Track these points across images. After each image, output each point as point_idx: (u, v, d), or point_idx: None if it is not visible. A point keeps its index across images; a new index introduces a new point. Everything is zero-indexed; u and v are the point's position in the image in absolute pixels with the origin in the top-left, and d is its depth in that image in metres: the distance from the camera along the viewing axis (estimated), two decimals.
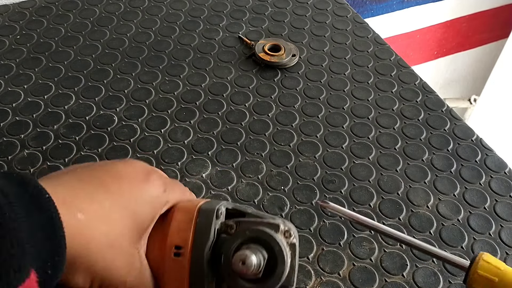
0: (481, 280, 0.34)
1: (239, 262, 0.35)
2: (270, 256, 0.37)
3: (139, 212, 0.36)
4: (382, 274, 0.48)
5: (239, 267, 0.35)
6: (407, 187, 0.56)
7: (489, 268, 0.34)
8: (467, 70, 1.72)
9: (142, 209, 0.36)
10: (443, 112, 0.65)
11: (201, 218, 0.38)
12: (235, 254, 0.35)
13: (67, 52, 0.71)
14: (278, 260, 0.37)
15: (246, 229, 0.37)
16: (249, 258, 0.35)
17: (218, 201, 0.41)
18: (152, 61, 0.71)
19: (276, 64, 0.70)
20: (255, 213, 0.40)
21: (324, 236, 0.51)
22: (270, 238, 0.37)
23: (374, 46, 0.75)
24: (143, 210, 0.36)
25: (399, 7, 1.37)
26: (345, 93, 0.67)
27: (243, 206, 0.41)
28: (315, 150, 0.59)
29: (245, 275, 0.35)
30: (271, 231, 0.37)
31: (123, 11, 0.79)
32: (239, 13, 0.80)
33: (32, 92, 0.65)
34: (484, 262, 0.35)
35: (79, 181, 0.34)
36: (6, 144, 0.58)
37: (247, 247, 0.36)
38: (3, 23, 0.76)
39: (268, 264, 0.37)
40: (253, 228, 0.37)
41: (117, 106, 0.63)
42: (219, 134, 0.61)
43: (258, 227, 0.37)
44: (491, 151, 0.60)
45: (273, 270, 0.37)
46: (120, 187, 0.35)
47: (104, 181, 0.35)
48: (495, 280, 0.34)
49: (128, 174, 0.37)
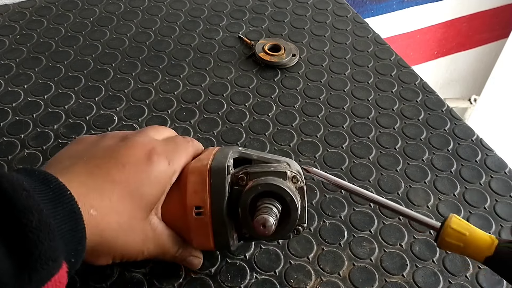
0: (453, 234, 0.38)
1: (260, 226, 0.39)
2: (283, 205, 0.41)
3: (146, 193, 0.39)
4: (382, 274, 0.48)
5: (260, 230, 0.39)
6: (407, 187, 0.56)
7: (460, 224, 0.38)
8: (467, 70, 1.72)
9: (149, 188, 0.40)
10: (443, 112, 0.65)
11: (214, 178, 0.42)
12: (255, 219, 0.39)
13: (67, 52, 0.71)
14: (291, 208, 0.42)
15: (257, 183, 0.41)
16: (268, 221, 0.39)
17: (226, 152, 0.44)
18: (152, 61, 0.71)
19: (276, 64, 0.70)
20: (261, 159, 0.44)
21: (324, 236, 0.51)
22: (281, 189, 0.41)
23: (374, 46, 0.75)
24: (150, 189, 0.40)
25: (399, 7, 1.37)
26: (345, 93, 0.67)
27: (248, 152, 0.45)
28: (315, 150, 0.59)
29: (266, 235, 0.39)
30: (280, 182, 0.41)
31: (123, 11, 0.79)
32: (239, 13, 0.80)
33: (32, 92, 0.65)
34: (456, 219, 0.38)
35: (89, 175, 0.37)
36: (6, 144, 0.58)
37: (262, 204, 0.40)
38: (3, 23, 0.76)
39: (283, 211, 0.41)
40: (264, 183, 0.41)
41: (117, 106, 0.63)
42: (219, 134, 0.61)
43: (267, 180, 0.41)
44: (491, 151, 0.60)
45: (287, 215, 0.41)
46: (125, 175, 0.38)
47: (109, 172, 0.38)
48: (466, 234, 0.37)
49: (131, 159, 0.39)
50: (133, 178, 0.38)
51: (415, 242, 0.51)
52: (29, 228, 0.29)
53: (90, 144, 0.42)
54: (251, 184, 0.41)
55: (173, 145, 0.43)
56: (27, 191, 0.31)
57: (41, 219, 0.30)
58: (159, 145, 0.42)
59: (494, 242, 0.37)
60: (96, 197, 0.36)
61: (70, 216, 0.33)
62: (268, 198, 0.41)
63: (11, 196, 0.30)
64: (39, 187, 0.32)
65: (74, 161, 0.39)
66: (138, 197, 0.39)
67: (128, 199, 0.38)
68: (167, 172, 0.41)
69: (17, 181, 0.31)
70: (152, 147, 0.41)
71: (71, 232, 0.33)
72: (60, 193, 0.33)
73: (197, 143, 0.47)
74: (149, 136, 0.43)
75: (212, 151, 0.45)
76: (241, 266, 0.47)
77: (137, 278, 0.46)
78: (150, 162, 0.40)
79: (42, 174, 0.34)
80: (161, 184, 0.40)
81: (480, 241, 0.37)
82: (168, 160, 0.41)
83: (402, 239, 0.51)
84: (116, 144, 0.41)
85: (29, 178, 0.33)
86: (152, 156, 0.40)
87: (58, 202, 0.33)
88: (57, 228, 0.31)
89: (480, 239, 0.37)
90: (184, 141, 0.45)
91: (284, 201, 0.41)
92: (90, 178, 0.37)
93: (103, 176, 0.37)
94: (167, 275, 0.46)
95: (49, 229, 0.30)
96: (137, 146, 0.40)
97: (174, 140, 0.45)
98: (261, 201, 0.41)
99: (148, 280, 0.46)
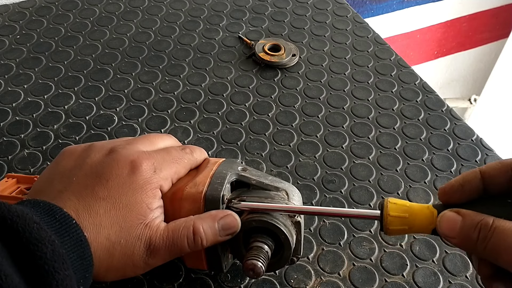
0: (395, 220, 0.37)
1: (249, 271, 0.39)
2: (277, 242, 0.41)
3: (133, 202, 0.39)
4: (382, 274, 0.48)
5: (249, 274, 0.39)
6: (407, 187, 0.56)
7: (398, 208, 0.37)
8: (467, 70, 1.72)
9: (134, 197, 0.40)
10: (443, 112, 0.65)
11: (208, 207, 0.41)
12: (244, 262, 0.39)
13: (67, 52, 0.71)
14: (284, 246, 0.41)
15: (251, 217, 0.40)
16: (256, 267, 0.39)
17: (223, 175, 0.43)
18: (152, 61, 0.71)
19: (276, 64, 0.70)
20: (259, 184, 0.43)
21: (324, 236, 0.51)
22: (275, 228, 0.40)
23: (374, 46, 0.75)
24: (135, 198, 0.40)
25: (399, 7, 1.37)
26: (345, 93, 0.67)
27: (247, 175, 0.44)
28: (315, 150, 0.59)
29: (255, 278, 0.40)
30: (275, 218, 0.41)
31: (123, 11, 0.79)
32: (239, 13, 0.80)
33: (32, 92, 0.65)
34: (392, 204, 0.38)
35: (79, 197, 0.39)
36: (6, 144, 0.58)
37: (254, 242, 0.40)
38: (3, 23, 0.76)
39: (277, 245, 0.41)
40: (258, 219, 0.40)
41: (117, 106, 0.63)
42: (219, 134, 0.61)
43: (262, 216, 0.40)
44: (491, 151, 0.60)
45: (282, 250, 0.41)
46: (108, 190, 0.39)
47: (94, 189, 0.39)
48: (406, 216, 0.37)
49: (113, 174, 0.40)
50: (115, 191, 0.39)
51: (415, 242, 0.51)
52: (44, 260, 0.31)
53: (78, 158, 0.42)
54: (246, 216, 0.41)
55: (164, 155, 0.43)
56: (37, 223, 0.32)
57: (55, 249, 0.32)
58: (144, 155, 0.42)
59: (434, 214, 0.37)
60: (85, 216, 0.37)
61: (78, 244, 0.35)
62: (261, 235, 0.40)
63: (24, 230, 0.31)
64: (45, 218, 0.34)
65: (65, 183, 0.40)
66: (123, 207, 0.39)
67: (114, 211, 0.38)
68: (152, 178, 0.41)
69: (27, 214, 0.32)
70: (135, 158, 0.41)
71: (79, 260, 0.35)
72: (65, 223, 0.35)
73: (198, 154, 0.46)
74: (136, 147, 0.43)
75: (210, 171, 0.43)
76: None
77: (137, 278, 0.46)
78: (132, 172, 0.40)
79: (47, 205, 0.35)
80: (147, 191, 0.40)
81: (422, 216, 0.37)
82: (154, 168, 0.41)
83: (402, 239, 0.51)
84: (101, 160, 0.41)
85: (35, 210, 0.34)
86: (134, 166, 0.40)
87: (64, 232, 0.34)
88: (67, 257, 0.33)
89: (421, 215, 0.37)
90: (180, 152, 0.44)
91: (278, 239, 0.40)
92: (79, 199, 0.38)
93: (89, 195, 0.39)
94: (167, 275, 0.46)
95: (63, 259, 0.32)
96: (120, 159, 0.41)
97: (168, 150, 0.44)
98: (254, 238, 0.40)
99: (148, 280, 0.46)
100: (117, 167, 0.40)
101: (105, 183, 0.39)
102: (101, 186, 0.39)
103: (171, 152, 0.44)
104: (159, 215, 0.41)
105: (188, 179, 0.43)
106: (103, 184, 0.39)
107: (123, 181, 0.40)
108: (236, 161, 0.46)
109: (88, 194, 0.39)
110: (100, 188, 0.39)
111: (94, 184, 0.39)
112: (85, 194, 0.39)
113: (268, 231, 0.40)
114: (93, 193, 0.39)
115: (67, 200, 0.38)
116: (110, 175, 0.40)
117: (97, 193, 0.39)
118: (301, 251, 0.43)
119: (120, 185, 0.39)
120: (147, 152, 0.42)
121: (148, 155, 0.42)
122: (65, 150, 0.44)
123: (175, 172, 0.43)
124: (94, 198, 0.38)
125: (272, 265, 0.42)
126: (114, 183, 0.39)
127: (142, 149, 0.43)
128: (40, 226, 0.32)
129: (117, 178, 0.40)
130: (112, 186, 0.39)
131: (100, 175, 0.40)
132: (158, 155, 0.43)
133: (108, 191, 0.39)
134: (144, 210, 0.40)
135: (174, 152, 0.44)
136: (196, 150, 0.46)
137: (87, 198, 0.38)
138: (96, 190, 0.39)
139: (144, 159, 0.41)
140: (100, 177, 0.40)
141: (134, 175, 0.40)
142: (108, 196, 0.39)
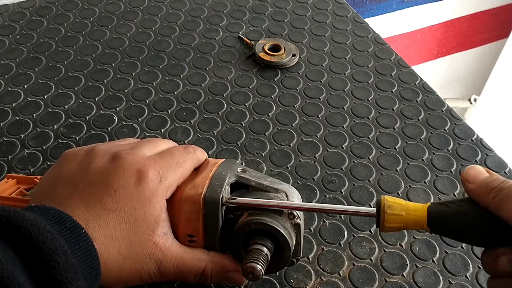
0: (391, 218, 0.38)
1: (248, 274, 0.39)
2: (277, 242, 0.41)
3: (141, 215, 0.39)
4: (382, 274, 0.48)
5: (249, 277, 0.39)
6: (407, 187, 0.56)
7: (394, 207, 0.38)
8: (467, 70, 1.72)
9: (143, 211, 0.40)
10: (443, 112, 0.65)
11: (208, 209, 0.41)
12: (243, 265, 0.39)
13: (67, 52, 0.71)
14: (284, 248, 0.41)
15: (251, 219, 0.40)
16: (255, 270, 0.39)
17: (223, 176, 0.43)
18: (152, 61, 0.71)
19: (276, 64, 0.70)
20: (259, 186, 0.43)
21: (324, 236, 0.51)
22: (274, 230, 0.40)
23: (374, 46, 0.75)
24: (144, 211, 0.40)
25: (399, 7, 1.37)
26: (345, 93, 0.67)
27: (247, 176, 0.44)
28: (315, 150, 0.59)
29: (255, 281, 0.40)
30: (275, 220, 0.40)
31: (123, 11, 0.79)
32: (239, 13, 0.80)
33: (32, 92, 0.65)
34: (389, 202, 0.39)
35: (86, 206, 0.38)
36: (6, 144, 0.58)
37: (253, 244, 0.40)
38: (3, 23, 0.76)
39: (276, 247, 0.41)
40: (258, 221, 0.40)
41: (117, 106, 0.63)
42: (219, 134, 0.61)
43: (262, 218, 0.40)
44: (491, 151, 0.60)
45: (281, 252, 0.41)
46: (116, 202, 0.39)
47: (102, 199, 0.39)
48: (402, 214, 0.38)
49: (121, 184, 0.40)
50: (124, 203, 0.39)
51: (415, 242, 0.51)
52: (57, 270, 0.31)
53: (81, 162, 0.42)
54: (245, 218, 0.41)
55: (168, 159, 0.43)
56: (50, 233, 0.32)
57: (67, 260, 0.32)
58: (150, 162, 0.41)
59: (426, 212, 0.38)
60: (95, 228, 0.37)
61: (87, 254, 0.35)
62: (260, 238, 0.40)
63: (38, 239, 0.31)
64: (56, 226, 0.34)
65: (70, 188, 0.39)
66: (133, 221, 0.39)
67: (124, 225, 0.38)
68: (158, 189, 0.41)
69: (40, 223, 0.32)
70: (141, 166, 0.41)
71: (88, 270, 0.35)
72: (75, 232, 0.35)
73: (200, 153, 0.46)
74: (141, 152, 0.42)
75: (209, 172, 0.43)
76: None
77: None
78: (139, 183, 0.40)
79: (57, 213, 0.35)
80: (154, 203, 0.40)
81: (416, 212, 0.38)
82: (160, 176, 0.41)
83: (402, 239, 0.51)
84: (107, 167, 0.41)
85: (45, 217, 0.34)
86: (140, 176, 0.40)
87: (75, 241, 0.34)
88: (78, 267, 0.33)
89: (416, 212, 0.38)
90: (183, 153, 0.44)
91: (277, 241, 0.41)
92: (87, 208, 0.38)
93: (98, 205, 0.38)
94: None
95: (75, 270, 0.32)
96: (126, 167, 0.40)
97: (171, 152, 0.44)
98: (253, 240, 0.40)
99: None
100: (124, 176, 0.40)
101: (113, 194, 0.39)
102: (109, 196, 0.39)
103: (174, 154, 0.43)
104: (167, 230, 0.41)
105: (187, 180, 0.43)
106: (111, 195, 0.39)
107: (131, 193, 0.39)
108: (236, 162, 0.46)
109: (97, 204, 0.38)
110: (108, 198, 0.39)
111: (102, 194, 0.39)
112: (93, 203, 0.38)
113: (268, 233, 0.40)
114: (101, 203, 0.38)
115: (75, 208, 0.38)
116: (118, 185, 0.39)
117: (106, 204, 0.38)
118: (300, 253, 0.43)
119: (128, 197, 0.39)
120: (152, 158, 0.42)
121: (154, 161, 0.41)
122: (67, 153, 0.44)
123: (180, 176, 0.43)
124: (103, 209, 0.38)
125: (272, 266, 0.42)
126: (122, 194, 0.39)
127: (147, 153, 0.42)
128: (53, 236, 0.32)
129: (124, 189, 0.39)
130: (120, 197, 0.39)
131: (106, 183, 0.39)
132: (163, 160, 0.42)
133: (117, 203, 0.39)
134: (153, 225, 0.40)
135: (178, 154, 0.44)
136: (198, 149, 0.46)
137: (96, 209, 0.38)
138: (104, 201, 0.38)
139: (150, 167, 0.41)
140: (107, 186, 0.39)
141: (141, 186, 0.40)
142: (117, 209, 0.39)
